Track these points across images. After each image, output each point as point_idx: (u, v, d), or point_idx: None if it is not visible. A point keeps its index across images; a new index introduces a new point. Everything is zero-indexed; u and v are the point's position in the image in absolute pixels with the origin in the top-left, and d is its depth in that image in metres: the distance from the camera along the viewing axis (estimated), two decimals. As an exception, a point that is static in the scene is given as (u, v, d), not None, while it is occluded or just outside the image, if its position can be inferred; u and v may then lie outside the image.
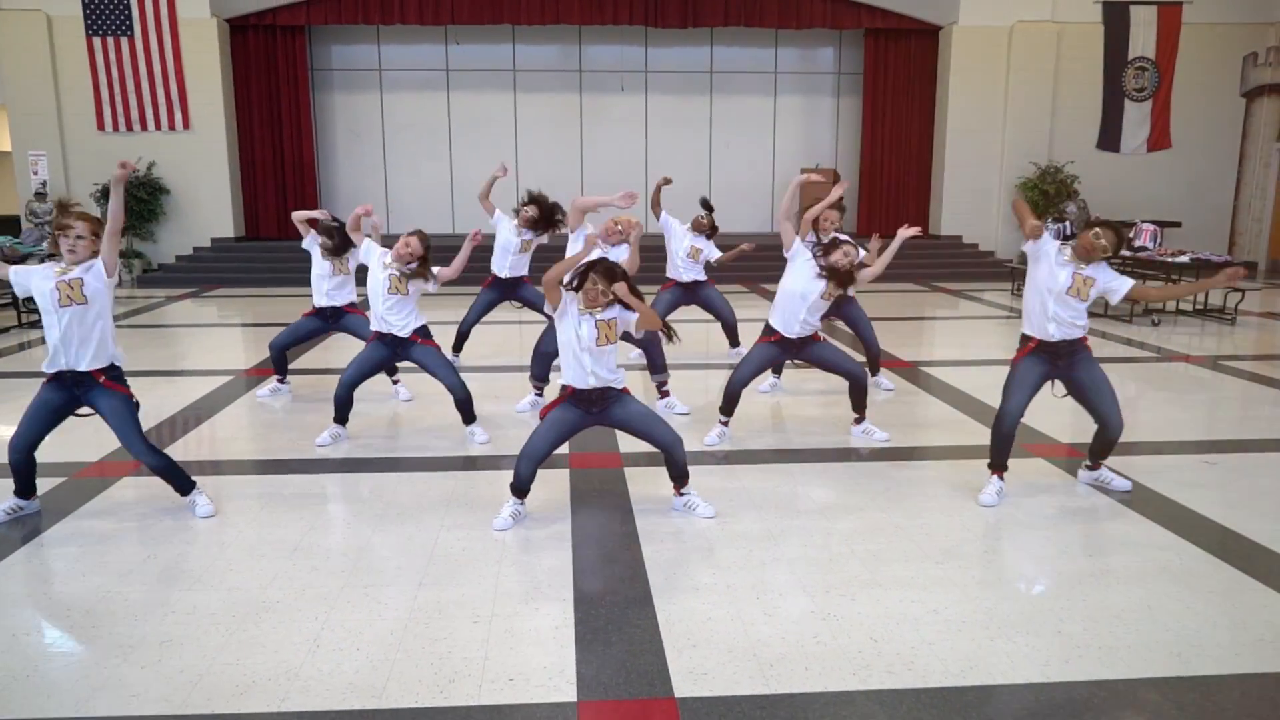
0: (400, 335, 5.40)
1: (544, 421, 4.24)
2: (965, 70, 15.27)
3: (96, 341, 4.12)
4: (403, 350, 5.48)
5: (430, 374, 5.55)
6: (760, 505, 4.55)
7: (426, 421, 6.15)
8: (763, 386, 6.87)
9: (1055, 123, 15.39)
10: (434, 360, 5.49)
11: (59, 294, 4.02)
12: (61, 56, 14.51)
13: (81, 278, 4.06)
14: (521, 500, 4.32)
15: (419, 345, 5.46)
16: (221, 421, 6.23)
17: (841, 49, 16.65)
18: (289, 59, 15.57)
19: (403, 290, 5.33)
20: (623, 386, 4.25)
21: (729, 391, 5.49)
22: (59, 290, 4.02)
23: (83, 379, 4.16)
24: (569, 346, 4.13)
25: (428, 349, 5.48)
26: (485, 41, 16.24)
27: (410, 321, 5.41)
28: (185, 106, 14.81)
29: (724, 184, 16.57)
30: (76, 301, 4.04)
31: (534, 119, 16.58)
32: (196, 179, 14.97)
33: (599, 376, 4.13)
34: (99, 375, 4.17)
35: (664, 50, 16.50)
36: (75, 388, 4.17)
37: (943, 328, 10.56)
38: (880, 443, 5.62)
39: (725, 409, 5.55)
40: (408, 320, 5.40)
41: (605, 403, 4.20)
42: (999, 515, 4.43)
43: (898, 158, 16.22)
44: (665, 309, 7.37)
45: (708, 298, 7.52)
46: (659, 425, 4.30)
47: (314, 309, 6.46)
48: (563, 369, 4.22)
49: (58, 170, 14.76)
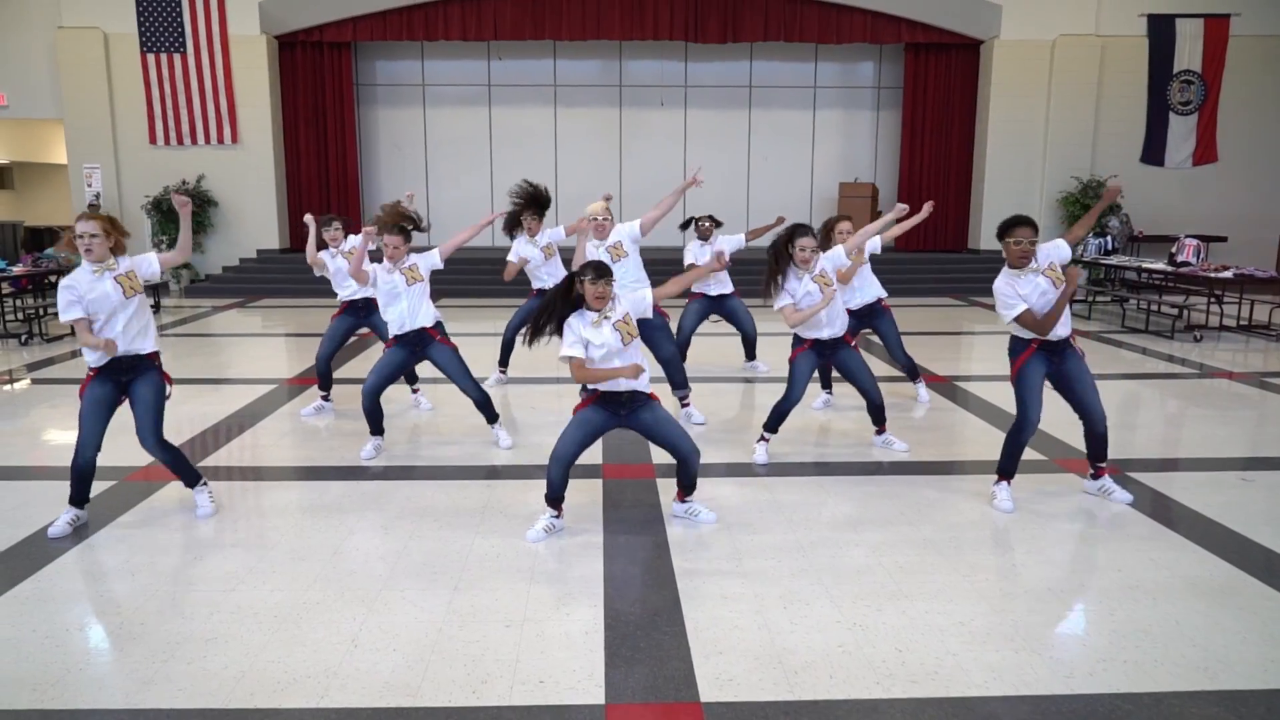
0: (424, 326, 5.43)
1: (572, 423, 4.31)
2: (1006, 84, 15.19)
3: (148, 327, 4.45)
4: (422, 349, 5.51)
5: (447, 376, 5.61)
6: (791, 517, 4.61)
7: (454, 430, 6.26)
8: (816, 404, 6.90)
9: (1098, 137, 15.24)
10: (451, 363, 5.53)
11: (122, 288, 4.30)
12: (117, 73, 14.96)
13: (134, 269, 4.39)
14: (558, 513, 4.38)
15: (438, 344, 5.51)
16: (265, 429, 6.40)
17: (881, 63, 16.65)
18: (335, 75, 15.91)
19: (419, 276, 5.42)
20: (650, 392, 4.33)
21: (782, 409, 5.49)
22: (120, 284, 4.30)
23: (137, 363, 4.38)
24: (603, 359, 4.19)
25: (445, 349, 5.53)
26: (527, 57, 16.47)
27: (429, 310, 5.48)
28: (235, 122, 15.19)
29: (762, 198, 16.63)
30: (138, 291, 4.37)
31: (574, 133, 16.78)
32: (244, 192, 15.34)
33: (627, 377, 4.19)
34: (153, 357, 4.45)
35: (704, 65, 16.62)
36: (124, 374, 4.37)
37: (980, 343, 10.51)
38: (900, 453, 5.70)
39: (771, 426, 5.58)
40: (427, 310, 5.47)
41: (634, 406, 4.27)
42: (1028, 529, 4.44)
43: (937, 172, 16.16)
44: (694, 320, 7.56)
45: (732, 309, 7.64)
46: (682, 436, 4.36)
47: (343, 305, 6.57)
48: None
49: (111, 183, 15.20)
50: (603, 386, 4.22)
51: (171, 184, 14.95)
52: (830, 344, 5.38)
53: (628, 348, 4.20)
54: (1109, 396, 7.18)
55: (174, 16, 14.84)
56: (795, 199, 16.97)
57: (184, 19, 14.85)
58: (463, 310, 11.81)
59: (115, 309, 4.28)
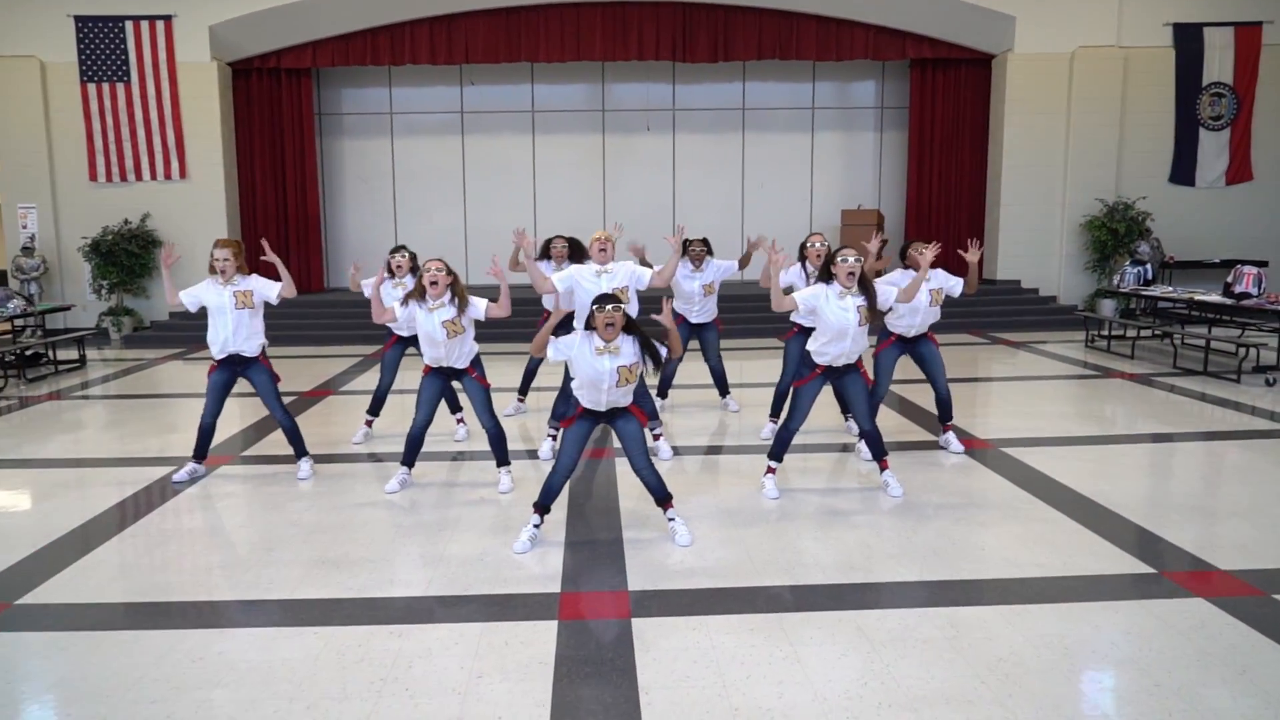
0: (459, 368, 5.47)
1: (566, 440, 4.55)
2: (1022, 101, 13.98)
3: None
4: (456, 377, 5.56)
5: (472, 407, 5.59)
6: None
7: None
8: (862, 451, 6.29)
9: (1123, 155, 14.01)
10: (479, 398, 5.48)
11: (236, 299, 5.66)
12: (55, 105, 13.75)
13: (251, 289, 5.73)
14: (541, 520, 4.63)
15: (471, 379, 5.51)
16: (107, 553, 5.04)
17: (884, 82, 15.47)
18: (294, 104, 14.67)
19: (459, 329, 5.32)
20: (631, 405, 4.54)
21: (783, 437, 5.39)
22: (236, 297, 5.66)
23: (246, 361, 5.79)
24: (592, 384, 4.37)
25: (478, 385, 5.50)
26: (502, 81, 15.29)
27: (467, 353, 5.47)
28: (183, 155, 13.95)
29: (758, 227, 15.23)
30: (248, 306, 5.70)
31: (554, 162, 15.54)
32: (194, 231, 13.98)
33: (613, 402, 4.48)
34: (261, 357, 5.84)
35: (693, 87, 15.43)
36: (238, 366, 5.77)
37: (1017, 393, 9.15)
38: (894, 498, 5.34)
39: (776, 455, 5.43)
40: (466, 352, 5.46)
41: (613, 417, 4.54)
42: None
43: (947, 197, 14.92)
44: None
45: (706, 340, 7.38)
46: (640, 453, 4.53)
47: (394, 339, 6.66)
48: (579, 394, 4.50)
49: (48, 223, 13.93)
50: (585, 402, 4.47)
51: (112, 223, 13.67)
52: (840, 369, 5.24)
53: (619, 388, 4.37)
54: (1183, 461, 6.33)
55: (117, 43, 13.64)
56: (795, 228, 15.56)
57: (128, 46, 13.65)
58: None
59: (225, 310, 5.66)
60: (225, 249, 5.68)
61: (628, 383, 4.34)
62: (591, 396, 4.44)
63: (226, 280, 5.69)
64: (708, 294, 7.21)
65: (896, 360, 6.21)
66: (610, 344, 4.28)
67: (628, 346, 4.34)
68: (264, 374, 5.86)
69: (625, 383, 4.33)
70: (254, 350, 5.82)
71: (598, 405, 4.45)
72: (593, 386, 4.38)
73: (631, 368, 4.32)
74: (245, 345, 5.76)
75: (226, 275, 5.68)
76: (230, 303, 5.66)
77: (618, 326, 4.24)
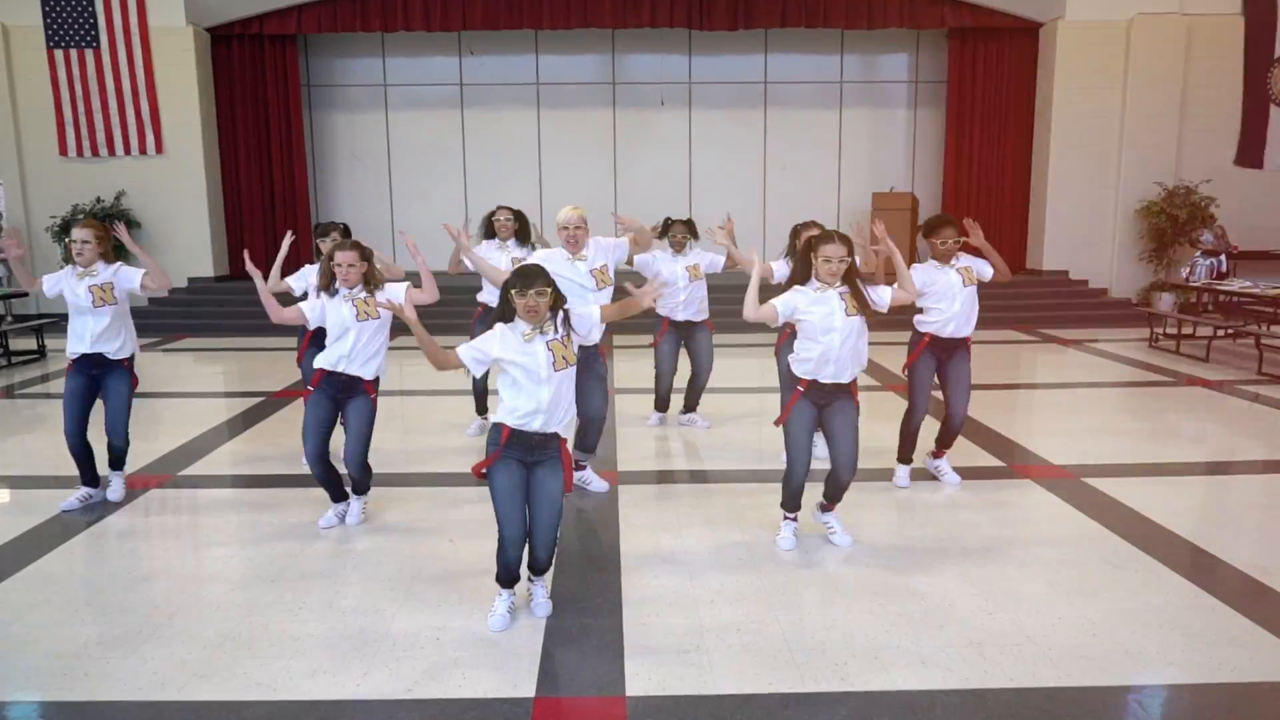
0: (362, 376, 4.45)
1: (499, 495, 3.48)
2: (1072, 74, 12.72)
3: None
4: (345, 399, 4.49)
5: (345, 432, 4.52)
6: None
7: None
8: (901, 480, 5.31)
9: (1184, 134, 12.73)
10: (360, 418, 4.50)
11: (93, 296, 4.70)
12: (20, 72, 12.75)
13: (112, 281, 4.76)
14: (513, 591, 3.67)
15: (364, 397, 4.49)
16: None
17: (919, 53, 14.22)
18: (279, 74, 13.58)
19: (373, 312, 4.39)
20: (563, 438, 3.60)
21: (793, 488, 4.31)
22: (93, 293, 4.70)
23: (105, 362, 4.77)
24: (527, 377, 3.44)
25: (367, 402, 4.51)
26: (505, 51, 14.14)
27: (377, 359, 4.51)
28: (158, 128, 12.89)
29: (780, 212, 14.09)
30: (108, 301, 4.70)
31: (561, 139, 14.40)
32: (172, 211, 13.04)
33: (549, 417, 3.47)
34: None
35: (710, 59, 14.24)
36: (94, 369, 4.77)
37: (1082, 401, 8.00)
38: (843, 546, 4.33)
39: (790, 504, 4.37)
40: (375, 355, 4.50)
41: (544, 451, 3.52)
42: None
43: (988, 179, 13.69)
44: (671, 360, 6.47)
45: (696, 347, 6.41)
46: (549, 514, 3.55)
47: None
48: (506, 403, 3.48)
49: (16, 201, 12.92)
50: (510, 423, 3.45)
51: (83, 202, 12.65)
52: (829, 389, 4.11)
53: (557, 373, 3.46)
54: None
55: (84, 4, 12.55)
56: (821, 213, 14.47)
57: (96, 7, 12.58)
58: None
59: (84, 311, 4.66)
60: (86, 229, 4.80)
61: (566, 364, 3.50)
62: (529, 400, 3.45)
63: (85, 269, 4.77)
64: (694, 278, 6.19)
65: (933, 373, 5.12)
66: (537, 324, 3.46)
67: (555, 318, 3.53)
68: (123, 381, 4.88)
69: (564, 364, 3.49)
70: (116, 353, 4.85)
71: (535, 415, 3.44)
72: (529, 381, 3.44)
73: (564, 340, 3.51)
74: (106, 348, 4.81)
75: (85, 261, 4.75)
76: (87, 299, 4.72)
77: (541, 312, 3.43)
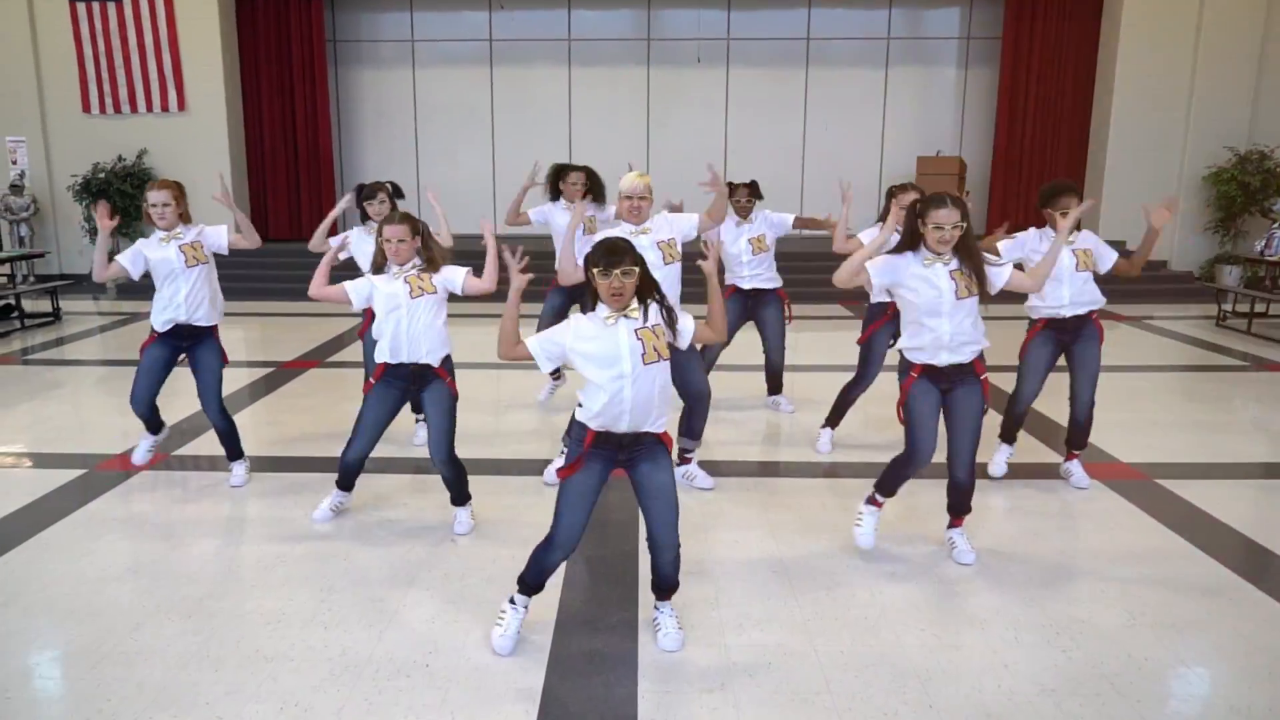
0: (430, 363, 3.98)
1: (565, 499, 3.09)
2: (1140, 27, 11.92)
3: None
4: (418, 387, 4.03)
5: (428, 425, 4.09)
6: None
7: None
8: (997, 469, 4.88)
9: (1260, 96, 11.89)
10: (439, 409, 4.00)
11: (185, 256, 4.49)
12: (42, 26, 12.43)
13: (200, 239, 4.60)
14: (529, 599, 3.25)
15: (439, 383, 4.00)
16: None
17: (973, 8, 13.43)
18: (304, 29, 13.15)
19: (428, 287, 3.95)
20: (661, 433, 3.10)
21: (906, 473, 3.78)
22: (184, 253, 4.49)
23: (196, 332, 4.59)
24: (608, 362, 2.96)
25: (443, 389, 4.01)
26: (535, 6, 13.58)
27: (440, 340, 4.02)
28: (181, 84, 12.56)
29: (821, 176, 13.47)
30: (200, 260, 4.55)
31: (592, 98, 13.85)
32: (193, 169, 12.54)
33: (636, 418, 3.00)
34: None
35: (750, 14, 13.56)
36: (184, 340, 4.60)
37: (1144, 389, 7.40)
38: (963, 564, 3.81)
39: (888, 487, 3.85)
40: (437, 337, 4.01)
41: (636, 449, 3.07)
42: None
43: (1043, 143, 12.96)
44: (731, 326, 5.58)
45: (764, 318, 5.84)
46: (667, 515, 3.09)
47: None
48: (589, 410, 3.03)
49: (39, 159, 12.68)
50: (594, 425, 3.02)
51: (104, 160, 12.38)
52: (948, 372, 3.62)
53: (646, 367, 2.96)
54: None
55: (105, -45, 12.20)
56: (862, 177, 13.76)
57: (118, -41, 12.21)
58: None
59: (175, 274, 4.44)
60: (163, 190, 4.52)
61: (658, 357, 2.99)
62: (611, 400, 2.98)
63: (169, 232, 4.54)
64: (758, 250, 5.67)
65: (1052, 357, 4.60)
66: (623, 309, 2.99)
67: (646, 311, 3.05)
68: (214, 354, 4.67)
69: (655, 357, 2.98)
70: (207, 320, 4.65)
71: (620, 417, 2.99)
72: (608, 376, 2.97)
73: (656, 330, 3.00)
74: (197, 314, 4.59)
75: (167, 224, 4.51)
76: (179, 260, 4.50)
77: (628, 295, 2.96)
